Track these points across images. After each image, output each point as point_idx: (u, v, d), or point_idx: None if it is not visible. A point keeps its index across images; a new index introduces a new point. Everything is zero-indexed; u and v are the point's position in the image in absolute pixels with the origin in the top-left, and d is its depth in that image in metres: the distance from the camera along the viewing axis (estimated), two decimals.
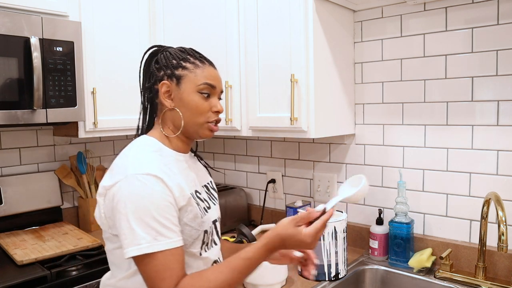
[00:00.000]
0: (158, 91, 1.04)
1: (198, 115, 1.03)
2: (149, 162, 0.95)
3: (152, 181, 0.90)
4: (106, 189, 0.94)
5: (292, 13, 1.51)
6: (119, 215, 0.89)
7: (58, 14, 1.69)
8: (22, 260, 1.52)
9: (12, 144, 1.93)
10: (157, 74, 1.04)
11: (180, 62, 1.03)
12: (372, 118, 1.73)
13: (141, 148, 1.00)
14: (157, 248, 0.87)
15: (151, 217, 0.88)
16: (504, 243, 1.22)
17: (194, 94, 1.02)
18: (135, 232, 0.87)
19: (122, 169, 0.94)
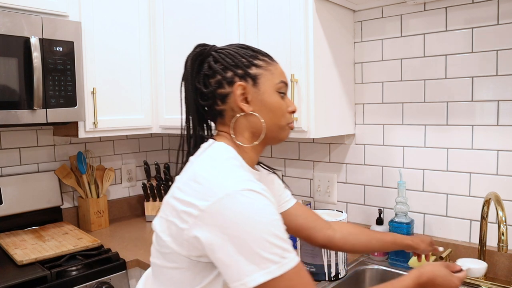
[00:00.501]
0: (228, 95, 0.91)
1: (281, 116, 0.94)
2: (246, 176, 0.82)
3: (259, 197, 0.78)
4: (201, 210, 0.77)
5: (292, 13, 1.51)
6: (231, 239, 0.75)
7: (58, 14, 1.69)
8: (22, 260, 1.52)
9: (12, 144, 1.93)
10: (223, 75, 0.91)
11: (251, 60, 0.92)
12: (372, 118, 1.73)
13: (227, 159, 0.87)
14: (287, 268, 0.75)
15: (272, 234, 0.75)
16: (504, 243, 1.22)
17: (274, 94, 0.93)
18: (260, 256, 0.74)
19: (217, 184, 0.79)
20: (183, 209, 0.80)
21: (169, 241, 0.83)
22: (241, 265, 0.74)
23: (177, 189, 0.84)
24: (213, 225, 0.76)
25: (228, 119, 0.93)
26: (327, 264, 1.45)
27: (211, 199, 0.77)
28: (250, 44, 1.64)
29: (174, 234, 0.82)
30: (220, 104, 0.92)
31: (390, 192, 1.70)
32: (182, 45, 1.92)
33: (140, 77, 1.99)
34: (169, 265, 0.85)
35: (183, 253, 0.82)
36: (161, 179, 2.28)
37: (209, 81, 0.92)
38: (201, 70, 0.94)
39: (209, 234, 0.77)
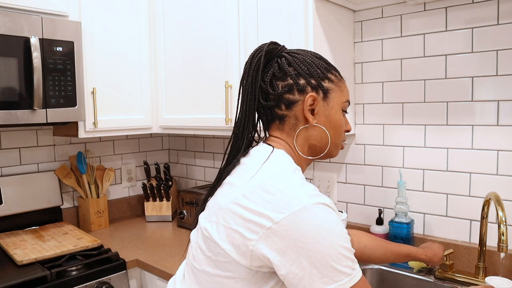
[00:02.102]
0: (296, 103, 0.88)
1: (340, 135, 0.93)
2: (315, 189, 0.81)
3: (330, 212, 0.78)
4: (273, 222, 0.75)
5: (292, 13, 1.51)
6: (306, 252, 0.74)
7: (58, 14, 1.69)
8: (22, 260, 1.52)
9: (12, 144, 1.93)
10: (296, 81, 0.88)
11: (325, 73, 0.90)
12: (372, 118, 1.73)
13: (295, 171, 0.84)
14: (356, 279, 0.77)
15: (344, 247, 0.76)
16: (504, 243, 1.22)
17: (339, 112, 0.92)
18: (334, 269, 0.74)
19: (292, 196, 0.77)
20: (253, 219, 0.77)
21: (230, 250, 0.80)
22: (315, 279, 0.74)
23: (242, 197, 0.80)
24: (287, 237, 0.75)
25: (288, 126, 0.90)
26: None
27: (286, 212, 0.75)
28: (250, 44, 1.65)
29: (238, 243, 0.79)
30: (284, 109, 0.89)
31: (390, 192, 1.70)
32: (182, 45, 1.92)
33: (140, 77, 1.99)
34: (223, 274, 0.82)
35: (243, 263, 0.79)
36: (161, 179, 2.28)
37: (276, 82, 0.89)
38: (269, 69, 0.90)
39: (281, 246, 0.75)
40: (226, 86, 1.72)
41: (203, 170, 2.46)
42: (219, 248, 0.81)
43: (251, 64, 0.90)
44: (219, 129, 1.81)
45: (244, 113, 0.90)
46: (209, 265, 0.83)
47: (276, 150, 0.87)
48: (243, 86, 0.91)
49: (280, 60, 0.90)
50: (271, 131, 0.93)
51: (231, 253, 0.80)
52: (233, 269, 0.80)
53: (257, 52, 0.90)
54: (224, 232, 0.81)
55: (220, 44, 1.76)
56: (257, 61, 0.89)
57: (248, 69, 0.90)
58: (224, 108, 1.76)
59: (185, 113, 1.95)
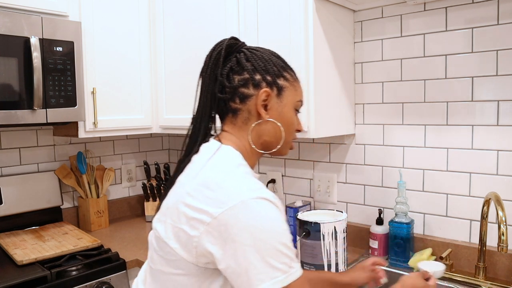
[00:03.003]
0: (250, 97, 0.90)
1: (291, 133, 0.95)
2: (259, 184, 0.82)
3: (271, 206, 0.78)
4: (213, 217, 0.76)
5: (292, 13, 1.51)
6: (243, 247, 0.75)
7: (58, 14, 1.69)
8: (22, 260, 1.52)
9: (12, 144, 1.94)
10: (252, 76, 0.90)
11: (281, 71, 0.92)
12: (372, 118, 1.73)
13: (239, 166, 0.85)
14: (293, 277, 0.76)
15: (282, 243, 0.76)
16: (504, 243, 1.22)
17: (292, 110, 0.94)
18: (270, 264, 0.74)
19: (231, 191, 0.78)
20: (194, 216, 0.79)
21: (177, 248, 0.81)
22: (251, 274, 0.74)
23: (187, 195, 0.82)
24: (226, 232, 0.76)
25: (240, 119, 0.91)
26: (327, 264, 1.45)
27: (224, 206, 0.76)
28: (250, 44, 1.65)
29: (183, 241, 0.80)
30: (238, 103, 0.90)
31: (390, 192, 1.70)
32: (182, 45, 1.92)
33: (140, 77, 1.99)
34: (175, 271, 0.83)
35: (190, 260, 0.81)
36: (161, 179, 2.28)
37: (233, 76, 0.90)
38: (227, 63, 0.91)
39: (220, 241, 0.76)
40: None
41: None
42: (168, 247, 0.83)
43: (211, 57, 0.92)
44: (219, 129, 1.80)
45: (202, 105, 0.92)
46: (162, 264, 0.85)
47: (223, 146, 0.89)
48: (202, 77, 0.93)
49: (239, 55, 0.91)
50: (224, 124, 0.95)
51: (179, 251, 0.81)
52: (183, 266, 0.82)
53: (218, 45, 0.92)
54: (171, 231, 0.82)
55: None
56: (217, 54, 0.91)
57: (208, 61, 0.92)
58: None
59: (185, 113, 1.94)
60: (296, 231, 1.66)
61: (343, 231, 1.47)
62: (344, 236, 1.48)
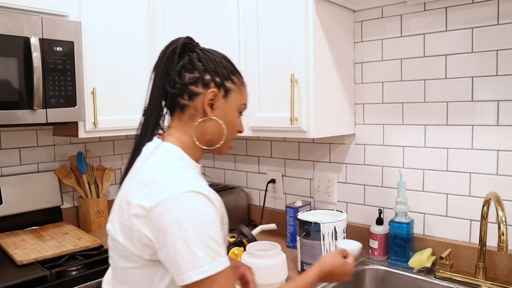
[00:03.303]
0: (198, 95, 0.95)
1: (233, 132, 1.01)
2: (192, 178, 0.87)
3: (202, 199, 0.83)
4: (147, 211, 0.83)
5: (292, 13, 1.51)
6: (172, 237, 0.80)
7: (58, 14, 1.69)
8: (22, 260, 1.52)
9: (12, 144, 1.93)
10: (202, 75, 0.95)
11: (230, 75, 0.98)
12: (372, 118, 1.73)
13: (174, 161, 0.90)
14: (217, 269, 0.81)
15: (208, 236, 0.81)
16: (504, 243, 1.22)
17: (236, 112, 1.00)
18: (195, 255, 0.80)
19: (162, 185, 0.84)
20: (133, 212, 0.85)
21: (126, 243, 0.87)
22: (179, 263, 0.80)
23: (128, 193, 0.88)
24: (158, 224, 0.82)
25: (187, 115, 0.96)
26: None
27: (156, 200, 0.82)
28: (250, 44, 1.66)
29: (129, 235, 0.86)
30: (186, 99, 0.95)
31: (390, 192, 1.70)
32: None
33: (140, 77, 1.99)
34: (130, 265, 0.89)
35: (137, 253, 0.86)
36: None
37: (184, 73, 0.95)
38: (180, 60, 0.96)
39: (155, 232, 0.82)
40: None
41: (203, 170, 2.46)
42: (119, 244, 0.89)
43: (165, 53, 0.96)
44: None
45: (153, 98, 0.97)
46: (119, 260, 0.91)
47: (163, 143, 0.94)
48: (155, 72, 0.97)
49: (192, 54, 0.97)
50: (172, 119, 0.99)
51: (128, 245, 0.87)
52: (135, 259, 0.88)
53: (173, 43, 0.97)
54: (119, 228, 0.89)
55: (220, 44, 1.76)
56: (172, 51, 0.96)
57: (162, 57, 0.97)
58: None
59: None
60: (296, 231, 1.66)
61: (343, 231, 1.47)
62: (344, 236, 1.48)
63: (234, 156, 2.28)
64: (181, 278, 0.81)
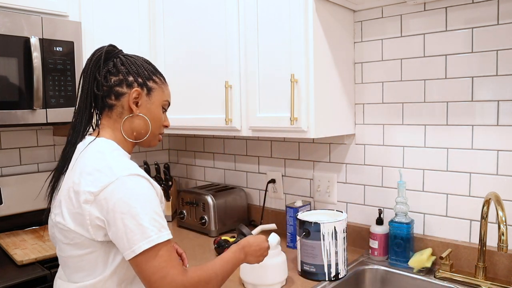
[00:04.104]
0: (124, 94, 1.06)
1: (158, 127, 1.13)
2: (132, 164, 0.99)
3: (143, 181, 0.96)
4: (95, 195, 0.93)
5: (292, 13, 1.51)
6: (120, 215, 0.91)
7: (58, 14, 1.69)
8: (22, 260, 1.52)
9: (12, 144, 1.94)
10: (125, 77, 1.06)
11: (151, 75, 1.10)
12: (372, 118, 1.73)
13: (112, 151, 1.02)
14: (164, 238, 0.92)
15: (153, 210, 0.93)
16: (504, 243, 1.22)
17: (159, 108, 1.12)
18: (143, 227, 0.90)
19: (107, 172, 0.94)
20: (83, 198, 0.93)
21: (78, 229, 0.96)
22: (129, 236, 0.90)
23: (73, 184, 0.96)
24: (106, 205, 0.92)
25: (115, 113, 1.07)
26: (327, 264, 1.45)
27: (102, 184, 0.92)
28: (250, 44, 1.66)
29: (80, 221, 0.95)
30: (113, 99, 1.06)
31: (390, 192, 1.70)
32: (182, 45, 1.92)
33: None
34: (83, 252, 0.97)
35: (90, 237, 0.95)
36: (161, 179, 2.28)
37: (110, 77, 1.06)
38: (105, 65, 1.07)
39: (104, 213, 0.92)
40: (226, 86, 1.72)
41: (203, 170, 2.46)
42: (72, 232, 0.96)
43: (91, 59, 1.07)
44: (219, 129, 1.81)
45: (83, 100, 1.07)
46: (71, 250, 0.98)
47: (97, 139, 1.05)
48: (83, 77, 1.07)
49: (116, 60, 1.08)
50: (102, 118, 1.10)
51: (81, 232, 0.95)
52: (88, 245, 0.96)
53: (98, 51, 1.08)
54: (69, 217, 0.96)
55: (220, 44, 1.76)
56: (97, 58, 1.07)
57: (88, 63, 1.07)
58: (224, 108, 1.76)
59: (185, 113, 1.95)
60: (296, 231, 1.66)
61: (343, 231, 1.47)
62: (344, 236, 1.48)
63: (234, 156, 2.28)
64: (132, 250, 0.90)
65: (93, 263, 0.98)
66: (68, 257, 1.00)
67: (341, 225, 1.46)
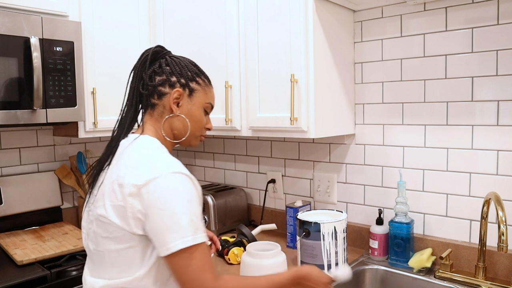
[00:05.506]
0: (166, 94, 1.08)
1: (199, 128, 1.13)
2: (176, 161, 0.99)
3: (187, 180, 0.96)
4: (139, 188, 0.93)
5: (292, 13, 1.51)
6: (160, 211, 0.91)
7: (58, 14, 1.69)
8: (22, 260, 1.52)
9: (12, 144, 1.93)
10: (168, 77, 1.08)
11: (195, 76, 1.11)
12: (372, 118, 1.73)
13: (158, 148, 1.03)
14: (199, 241, 0.92)
15: (192, 212, 0.93)
16: (504, 243, 1.22)
17: (200, 109, 1.12)
18: (181, 226, 0.91)
19: (153, 167, 0.95)
20: (127, 191, 0.94)
21: (120, 222, 0.95)
22: (165, 234, 0.91)
23: (117, 177, 0.97)
24: (148, 199, 0.92)
25: (157, 113, 1.09)
26: (327, 264, 1.45)
27: (147, 178, 0.93)
28: (250, 44, 1.66)
29: (122, 214, 0.95)
30: (156, 99, 1.08)
31: (390, 192, 1.70)
32: (182, 45, 1.92)
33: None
34: (121, 246, 0.97)
35: (129, 230, 0.95)
36: None
37: (155, 76, 1.08)
38: (152, 65, 1.10)
39: (145, 207, 0.92)
40: (226, 86, 1.72)
41: (203, 170, 2.46)
42: (113, 225, 0.96)
43: (139, 60, 1.10)
44: (219, 129, 1.81)
45: (130, 98, 1.10)
46: (109, 244, 0.98)
47: (141, 136, 1.06)
48: (131, 76, 1.11)
49: (162, 60, 1.10)
50: (145, 116, 1.12)
51: (122, 225, 0.95)
52: (128, 239, 0.96)
53: (146, 52, 1.11)
54: (111, 209, 0.96)
55: (220, 44, 1.76)
56: (144, 58, 1.10)
57: (137, 63, 1.10)
58: (224, 107, 1.76)
59: None
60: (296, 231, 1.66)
61: (343, 231, 1.47)
62: (344, 236, 1.48)
63: (234, 156, 2.28)
64: (167, 247, 0.91)
65: (130, 259, 0.97)
66: (105, 251, 0.99)
67: (341, 225, 1.46)
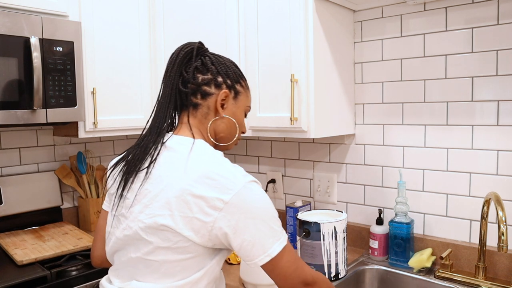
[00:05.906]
0: (211, 95, 1.02)
1: (238, 131, 1.10)
2: (243, 170, 0.97)
3: (260, 186, 0.96)
4: (225, 202, 0.88)
5: (292, 13, 1.51)
6: (254, 220, 0.90)
7: (58, 14, 1.69)
8: (22, 260, 1.52)
9: (12, 144, 1.93)
10: (215, 77, 1.03)
11: (238, 78, 1.07)
12: (372, 118, 1.73)
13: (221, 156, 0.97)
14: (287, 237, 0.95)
15: (275, 215, 0.95)
16: (504, 243, 1.22)
17: (242, 113, 1.10)
18: (274, 230, 0.92)
19: (232, 178, 0.90)
20: (207, 204, 0.88)
21: (191, 235, 0.90)
22: (263, 240, 0.91)
23: (190, 187, 0.89)
24: (237, 212, 0.89)
25: (200, 113, 1.03)
26: (327, 264, 1.45)
27: (232, 192, 0.89)
28: (250, 44, 1.66)
29: (197, 228, 0.90)
30: (199, 98, 1.02)
31: (390, 192, 1.70)
32: None
33: (140, 77, 1.99)
34: (183, 257, 0.92)
35: (201, 243, 0.91)
36: None
37: (197, 74, 1.02)
38: (192, 62, 1.03)
39: (234, 221, 0.89)
40: None
41: None
42: (179, 236, 0.90)
43: (178, 54, 1.03)
44: None
45: (166, 96, 1.02)
46: (168, 254, 0.92)
47: (197, 140, 0.98)
48: (169, 72, 1.03)
49: (204, 58, 1.04)
50: (183, 116, 1.04)
51: (192, 238, 0.90)
52: (192, 250, 0.92)
53: (186, 46, 1.04)
54: (181, 221, 0.90)
55: (220, 43, 1.76)
56: (185, 53, 1.03)
57: (175, 58, 1.03)
58: None
59: None
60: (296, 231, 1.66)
61: (343, 231, 1.47)
62: (344, 236, 1.48)
63: (234, 156, 2.28)
64: (267, 254, 0.91)
65: (187, 268, 0.93)
66: (161, 261, 0.93)
67: (341, 225, 1.46)
